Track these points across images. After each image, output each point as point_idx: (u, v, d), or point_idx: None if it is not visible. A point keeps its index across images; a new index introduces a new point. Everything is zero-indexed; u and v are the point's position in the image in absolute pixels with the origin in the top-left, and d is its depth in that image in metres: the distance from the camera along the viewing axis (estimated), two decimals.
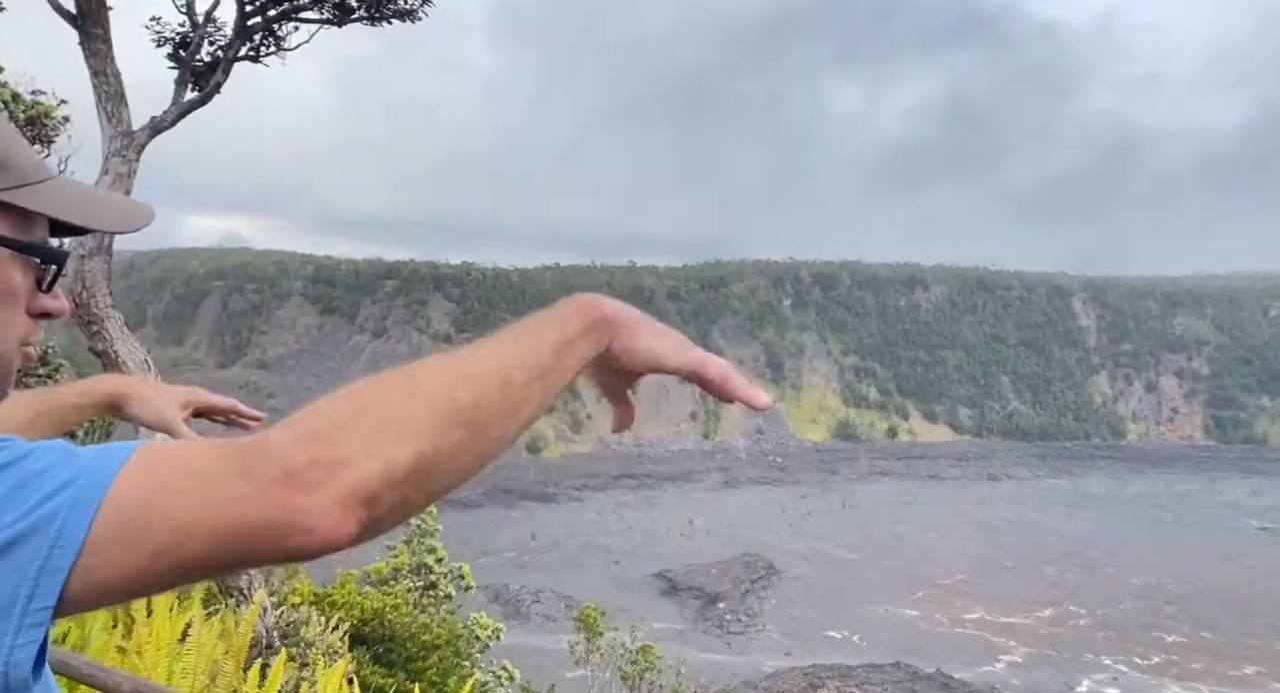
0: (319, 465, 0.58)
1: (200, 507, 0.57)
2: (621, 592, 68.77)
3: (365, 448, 0.59)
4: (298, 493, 0.57)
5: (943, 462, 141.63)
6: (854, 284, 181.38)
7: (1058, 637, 62.84)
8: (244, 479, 0.57)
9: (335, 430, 0.60)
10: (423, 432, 0.62)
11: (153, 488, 0.57)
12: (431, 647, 10.02)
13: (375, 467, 0.59)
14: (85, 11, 5.23)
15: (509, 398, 0.68)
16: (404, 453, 0.60)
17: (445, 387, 0.65)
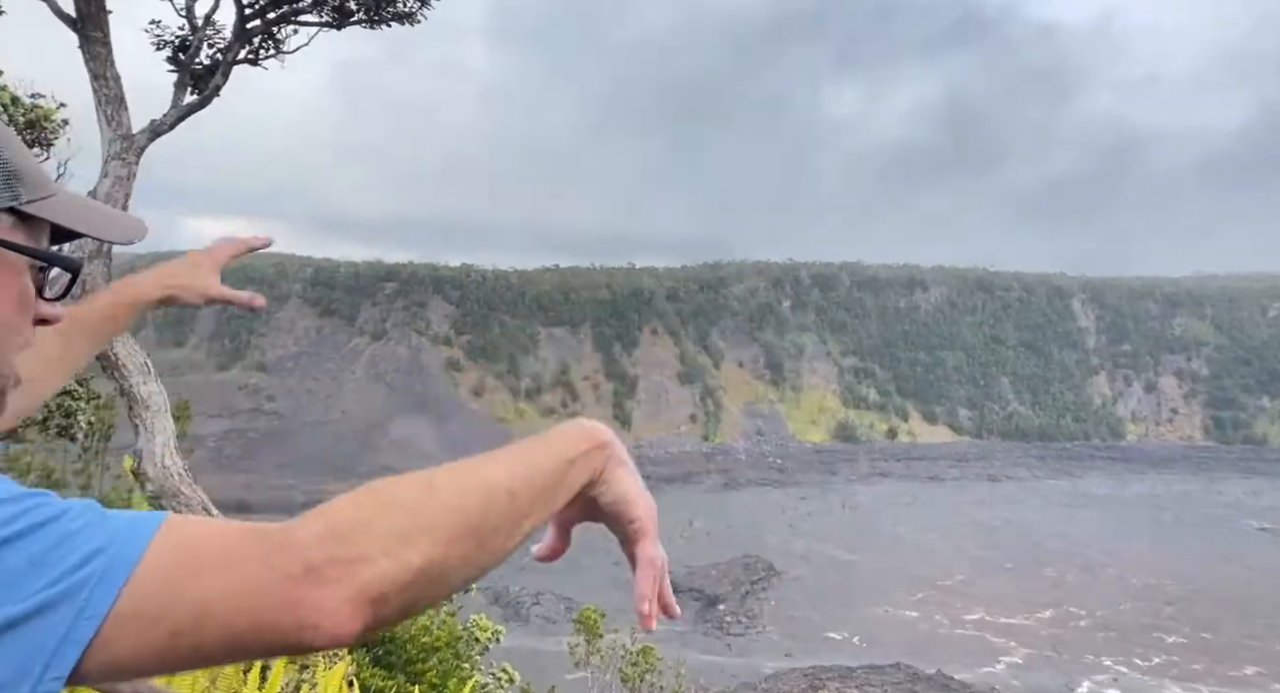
0: (337, 563, 0.60)
1: (221, 590, 0.58)
2: (621, 593, 68.66)
3: (382, 549, 0.62)
4: (314, 588, 0.59)
5: (942, 463, 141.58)
6: (854, 285, 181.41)
7: (1058, 638, 62.79)
8: (267, 568, 0.59)
9: (356, 529, 0.62)
10: (437, 538, 0.65)
11: (178, 565, 0.58)
12: (431, 649, 10.02)
13: (389, 569, 0.62)
14: (85, 15, 5.24)
15: (515, 511, 0.72)
16: (417, 558, 0.63)
17: (460, 495, 0.68)
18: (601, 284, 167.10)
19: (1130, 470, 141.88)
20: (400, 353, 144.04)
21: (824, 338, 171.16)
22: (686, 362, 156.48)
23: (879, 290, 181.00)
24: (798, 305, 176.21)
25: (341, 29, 6.28)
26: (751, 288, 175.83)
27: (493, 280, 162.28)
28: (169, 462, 5.88)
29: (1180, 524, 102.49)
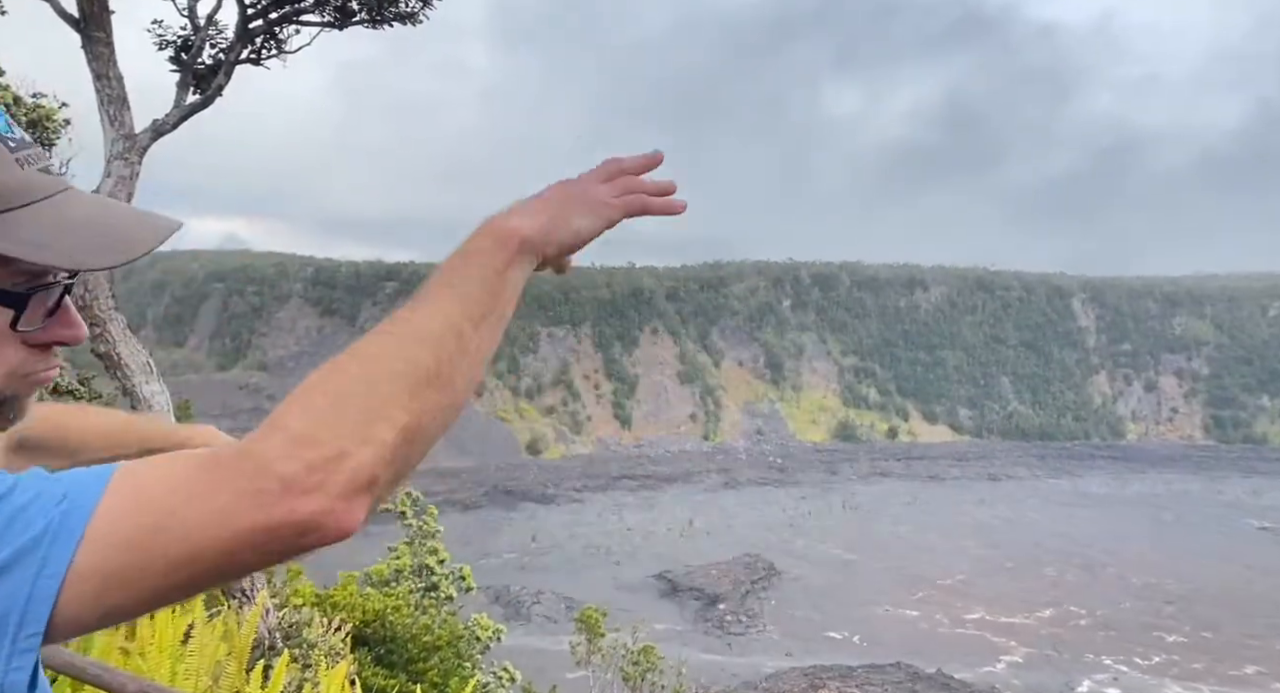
0: (315, 468, 0.60)
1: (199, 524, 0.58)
2: (622, 593, 68.75)
3: (353, 438, 0.61)
4: (301, 499, 0.59)
5: (943, 462, 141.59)
6: (854, 285, 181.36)
7: (1058, 637, 62.80)
8: (240, 494, 0.59)
9: (319, 428, 0.61)
10: (400, 404, 0.64)
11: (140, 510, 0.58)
12: (433, 648, 10.03)
13: (368, 453, 0.62)
14: (88, 15, 5.25)
15: (465, 348, 0.71)
16: (389, 430, 0.63)
17: (404, 356, 0.67)
18: (602, 284, 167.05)
19: (1130, 470, 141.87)
20: None
21: (824, 337, 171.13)
22: (686, 361, 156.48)
23: (879, 290, 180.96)
24: (798, 305, 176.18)
25: (344, 29, 6.29)
26: (751, 287, 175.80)
27: None
28: None
29: (1180, 524, 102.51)
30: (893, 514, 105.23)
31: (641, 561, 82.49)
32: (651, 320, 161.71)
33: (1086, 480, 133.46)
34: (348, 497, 0.60)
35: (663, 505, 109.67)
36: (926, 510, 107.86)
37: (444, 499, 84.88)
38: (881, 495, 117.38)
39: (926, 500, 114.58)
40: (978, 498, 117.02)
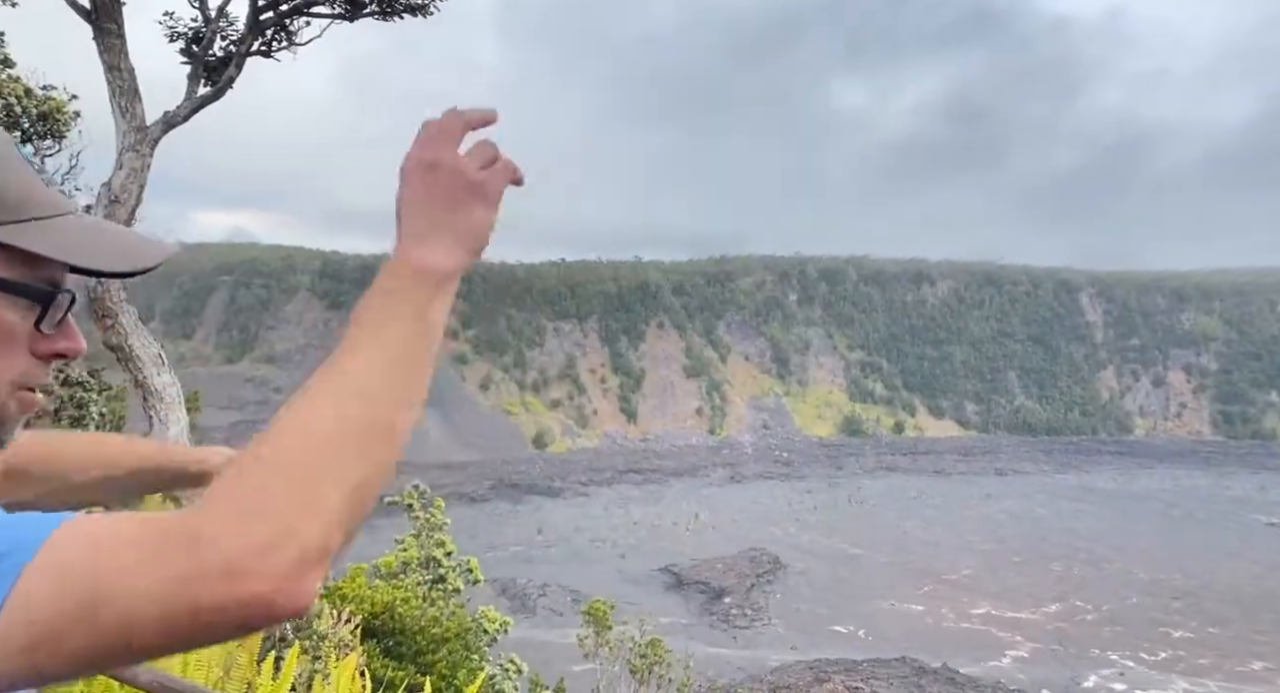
0: (263, 547, 0.57)
1: (140, 598, 0.55)
2: (627, 586, 68.88)
3: (301, 508, 0.59)
4: (248, 580, 0.56)
5: (949, 457, 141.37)
6: (860, 280, 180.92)
7: (1064, 632, 62.73)
8: (184, 572, 0.56)
9: (265, 501, 0.59)
10: (346, 466, 0.62)
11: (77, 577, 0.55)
12: (441, 640, 10.05)
13: (317, 525, 0.59)
14: (99, 7, 5.25)
15: (400, 396, 0.68)
16: (337, 494, 0.60)
17: (344, 416, 0.64)
18: (608, 278, 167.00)
19: (1138, 465, 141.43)
20: None
21: (830, 332, 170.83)
22: (693, 355, 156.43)
23: (886, 284, 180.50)
24: (804, 299, 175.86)
25: (354, 21, 6.27)
26: (758, 282, 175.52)
27: (500, 274, 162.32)
28: None
29: (1188, 519, 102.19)
30: (898, 509, 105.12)
31: (647, 554, 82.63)
32: (658, 315, 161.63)
33: (1093, 476, 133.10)
34: (297, 576, 0.57)
35: (668, 500, 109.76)
36: (932, 505, 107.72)
37: (451, 492, 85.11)
38: (887, 490, 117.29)
39: (932, 495, 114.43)
40: (984, 493, 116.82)
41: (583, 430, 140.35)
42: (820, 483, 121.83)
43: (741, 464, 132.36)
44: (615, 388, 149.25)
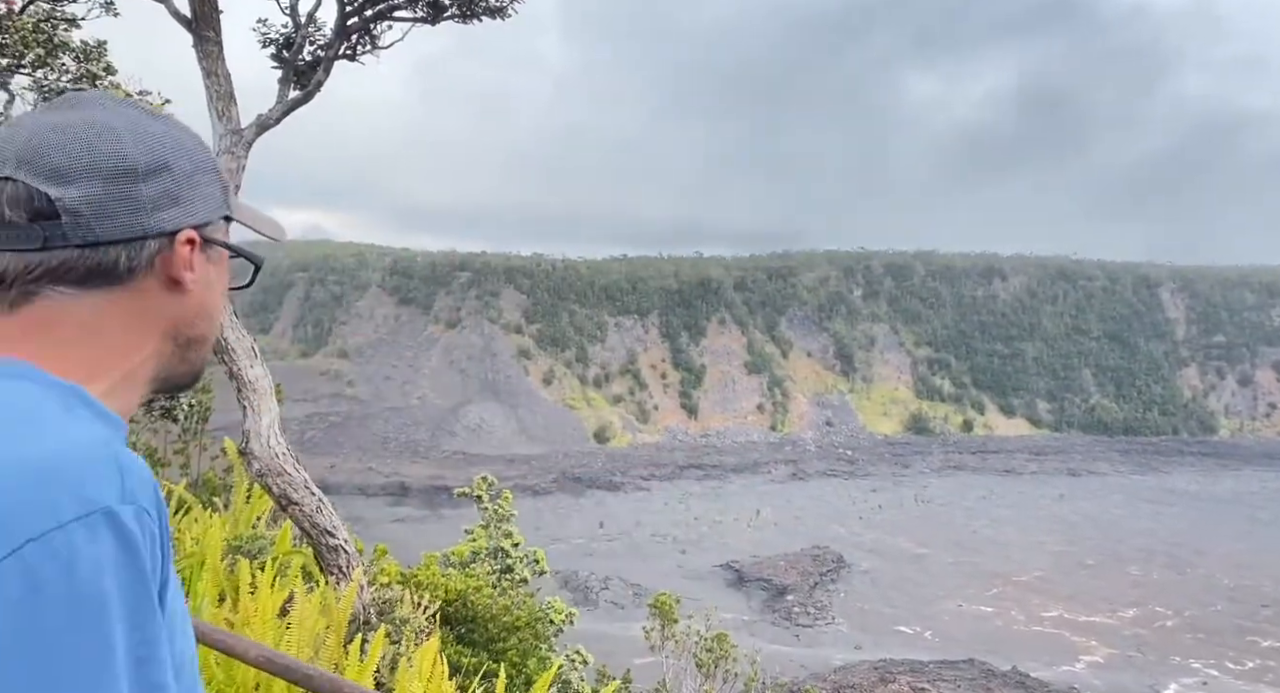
0: None
1: None
2: (688, 582, 68.97)
3: None
4: None
5: (1019, 456, 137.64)
6: (928, 275, 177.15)
7: (1142, 638, 60.60)
8: None
9: None
10: None
11: None
12: (512, 629, 10.25)
13: None
14: (199, 15, 5.51)
15: None
16: None
17: None
18: (669, 274, 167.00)
19: (1222, 467, 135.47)
20: (473, 341, 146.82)
21: (896, 328, 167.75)
22: (754, 351, 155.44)
23: (954, 280, 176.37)
24: (869, 295, 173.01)
25: (436, 24, 6.45)
26: (822, 277, 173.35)
27: (562, 270, 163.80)
28: (274, 442, 6.16)
29: (1277, 523, 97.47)
30: (966, 508, 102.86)
31: (708, 550, 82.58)
32: (719, 310, 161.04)
33: (1174, 477, 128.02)
34: None
35: (729, 495, 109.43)
36: (1002, 505, 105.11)
37: (515, 484, 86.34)
38: (955, 489, 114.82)
39: (1002, 495, 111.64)
40: (1056, 493, 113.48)
41: (643, 426, 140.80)
42: (885, 481, 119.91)
43: (804, 461, 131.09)
44: (676, 383, 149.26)
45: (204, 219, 0.91)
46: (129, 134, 0.86)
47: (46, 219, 0.82)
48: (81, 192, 0.82)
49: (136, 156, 0.85)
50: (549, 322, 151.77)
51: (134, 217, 0.85)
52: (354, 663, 4.75)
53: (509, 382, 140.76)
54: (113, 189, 0.84)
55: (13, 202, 0.82)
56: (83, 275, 0.84)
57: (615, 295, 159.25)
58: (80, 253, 0.83)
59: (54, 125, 0.84)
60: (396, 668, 5.39)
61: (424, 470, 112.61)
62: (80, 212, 0.82)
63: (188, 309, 0.92)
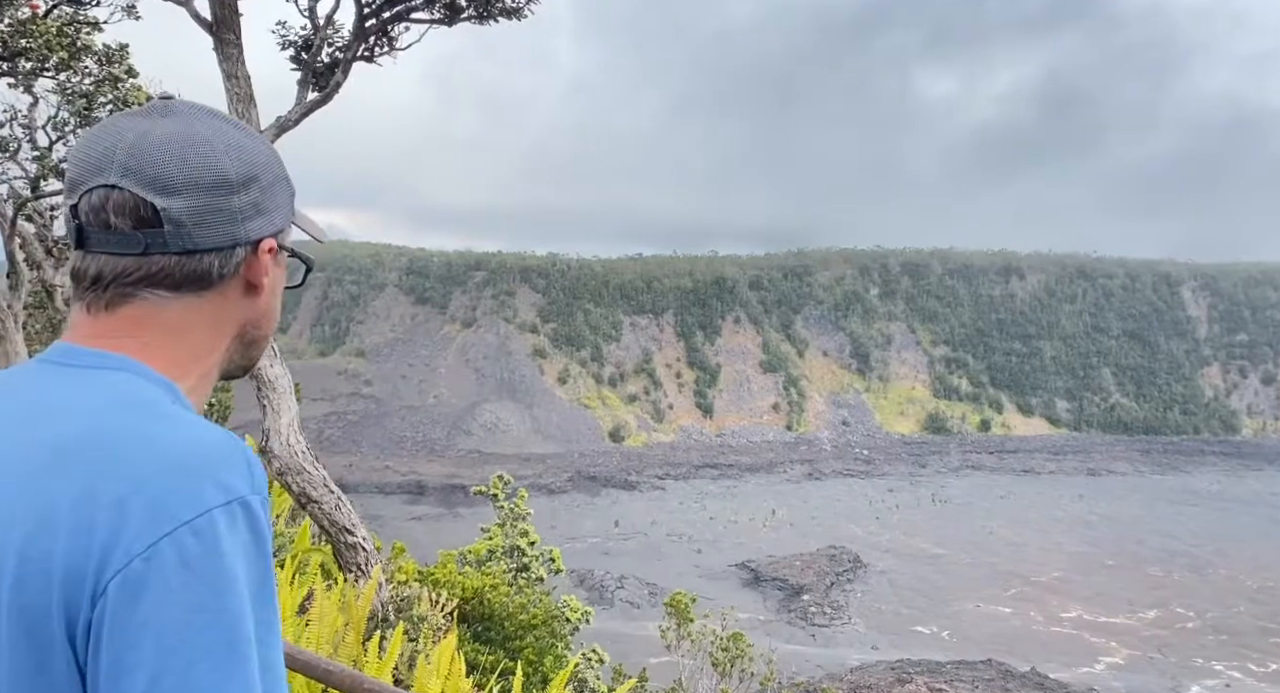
0: None
1: None
2: (704, 581, 68.91)
3: None
4: None
5: (1038, 456, 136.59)
6: (945, 273, 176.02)
7: (1163, 640, 60.01)
8: None
9: None
10: None
11: None
12: (528, 627, 10.29)
13: None
14: (220, 19, 5.57)
15: None
16: None
17: None
18: (684, 272, 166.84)
19: (1245, 467, 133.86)
20: (489, 340, 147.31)
21: (913, 327, 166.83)
22: (770, 350, 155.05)
23: (972, 278, 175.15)
24: (886, 293, 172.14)
25: (453, 25, 6.49)
26: (838, 275, 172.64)
27: (577, 269, 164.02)
28: (294, 440, 6.22)
29: None
30: (984, 508, 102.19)
31: (724, 549, 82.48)
32: (734, 309, 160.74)
33: (1195, 477, 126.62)
34: None
35: (745, 495, 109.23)
36: (1020, 505, 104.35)
37: (531, 483, 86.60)
38: (973, 489, 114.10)
39: (1020, 495, 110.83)
40: (1075, 493, 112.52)
41: (658, 425, 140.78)
42: (902, 481, 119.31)
43: (820, 461, 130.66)
44: (691, 383, 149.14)
45: (280, 227, 1.00)
46: (224, 147, 0.91)
47: (149, 227, 0.88)
48: (184, 202, 0.88)
49: (231, 169, 0.91)
50: (564, 321, 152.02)
51: (228, 226, 0.91)
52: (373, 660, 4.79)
53: (524, 381, 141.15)
54: (211, 200, 0.90)
55: (119, 209, 0.87)
56: (178, 281, 0.91)
57: (630, 294, 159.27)
58: (178, 260, 0.90)
59: (156, 135, 0.89)
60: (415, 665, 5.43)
61: (440, 469, 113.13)
62: (182, 221, 0.88)
63: (258, 311, 1.00)
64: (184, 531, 0.74)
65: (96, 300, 0.90)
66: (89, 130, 0.93)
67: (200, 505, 0.76)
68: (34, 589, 0.73)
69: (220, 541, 0.76)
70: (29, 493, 0.77)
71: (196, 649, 0.72)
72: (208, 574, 0.74)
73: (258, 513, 0.80)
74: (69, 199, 0.91)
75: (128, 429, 0.80)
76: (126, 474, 0.76)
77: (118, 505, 0.75)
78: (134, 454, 0.78)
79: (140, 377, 0.88)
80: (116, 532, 0.74)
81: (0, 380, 0.91)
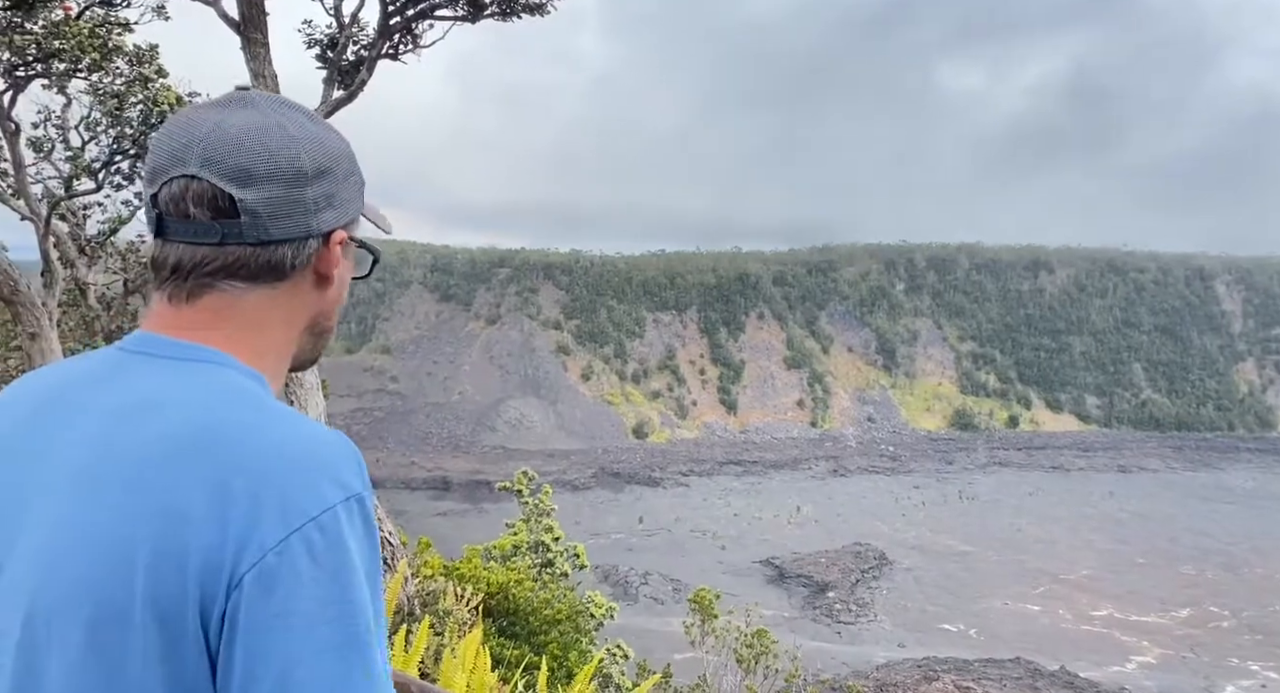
0: None
1: None
2: (728, 577, 68.83)
3: None
4: None
5: (1067, 452, 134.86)
6: (973, 268, 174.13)
7: (1196, 639, 59.08)
8: None
9: None
10: None
11: None
12: (553, 622, 10.31)
13: None
14: (247, 18, 5.62)
15: None
16: None
17: None
18: (707, 269, 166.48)
19: None
20: (513, 337, 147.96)
21: (940, 323, 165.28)
22: (794, 347, 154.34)
23: (1000, 273, 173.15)
24: (912, 289, 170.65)
25: (476, 22, 6.50)
26: (863, 271, 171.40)
27: (600, 266, 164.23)
28: None
29: None
30: (1012, 506, 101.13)
31: (748, 546, 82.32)
32: (758, 305, 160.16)
33: (1229, 474, 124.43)
34: None
35: (769, 492, 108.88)
36: (1049, 502, 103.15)
37: (555, 479, 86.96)
38: (1000, 486, 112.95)
39: (1049, 492, 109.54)
40: (1105, 490, 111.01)
41: (682, 421, 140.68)
42: (929, 478, 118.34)
43: (845, 457, 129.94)
44: (715, 379, 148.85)
45: (351, 218, 1.00)
46: (300, 139, 0.93)
47: (227, 217, 0.89)
48: (262, 193, 0.89)
49: (307, 161, 0.92)
50: (587, 317, 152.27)
51: (303, 218, 0.93)
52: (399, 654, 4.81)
53: (548, 377, 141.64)
54: (287, 192, 0.91)
55: (197, 199, 0.89)
56: (255, 271, 0.92)
57: (653, 291, 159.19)
58: (254, 250, 0.91)
59: (234, 126, 0.90)
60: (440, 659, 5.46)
61: (465, 465, 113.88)
62: (259, 212, 0.89)
63: (329, 303, 1.02)
64: (311, 526, 0.78)
65: (178, 291, 0.92)
66: (169, 120, 0.95)
67: (324, 502, 0.80)
68: (169, 581, 0.75)
69: (343, 536, 0.80)
70: (155, 487, 0.79)
71: (325, 640, 0.76)
72: (334, 568, 0.78)
73: (369, 509, 0.85)
74: (149, 188, 0.92)
75: (241, 424, 0.82)
76: (252, 470, 0.79)
77: (249, 501, 0.77)
78: (256, 450, 0.81)
79: (233, 370, 0.90)
80: (250, 526, 0.76)
81: (82, 370, 0.92)
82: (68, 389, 0.90)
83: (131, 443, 0.82)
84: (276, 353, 0.97)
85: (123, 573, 0.76)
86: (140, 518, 0.77)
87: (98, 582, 0.76)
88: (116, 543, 0.77)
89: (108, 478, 0.81)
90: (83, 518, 0.79)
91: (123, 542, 0.77)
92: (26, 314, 8.76)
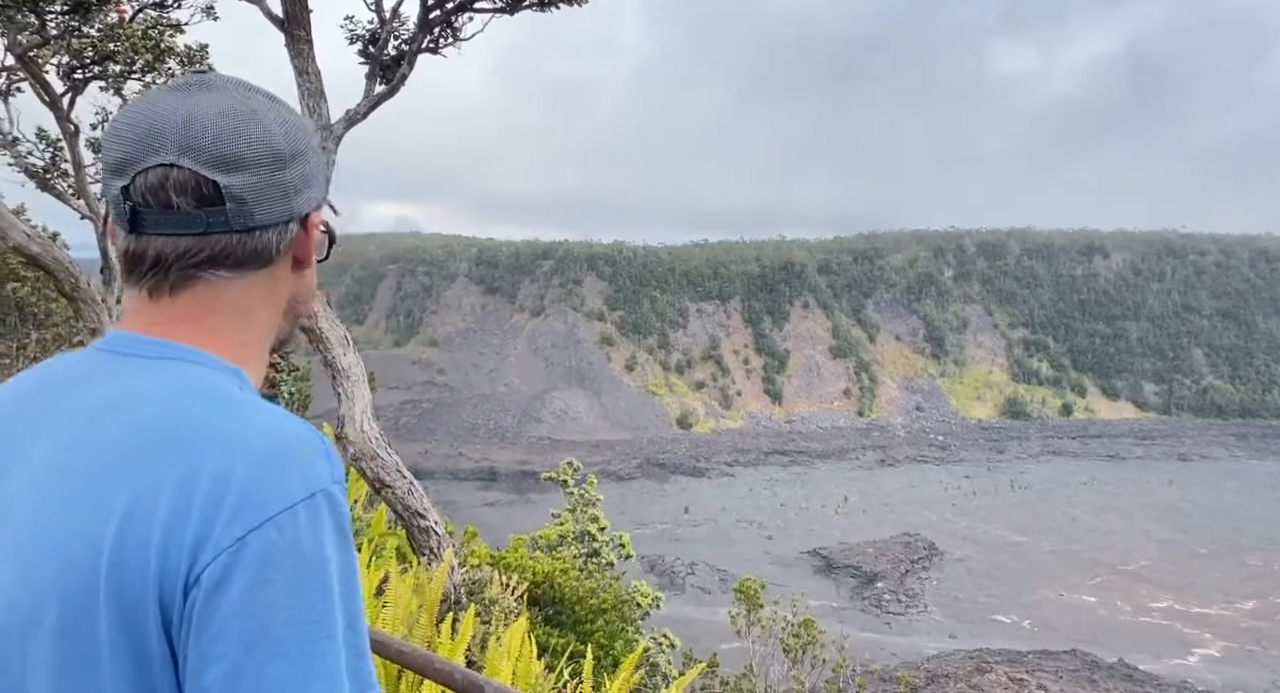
0: None
1: None
2: (775, 568, 68.58)
3: None
4: None
5: (1124, 441, 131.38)
6: (1024, 253, 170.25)
7: (1262, 631, 57.26)
8: None
9: None
10: None
11: None
12: (599, 611, 10.38)
13: None
14: (291, 15, 5.71)
15: None
16: None
17: None
18: (751, 258, 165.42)
19: None
20: (557, 328, 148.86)
21: (990, 309, 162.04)
22: (840, 336, 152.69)
23: (1052, 258, 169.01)
24: (961, 275, 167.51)
25: (514, 14, 6.52)
26: (910, 258, 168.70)
27: (643, 256, 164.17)
28: (367, 427, 6.39)
29: None
30: (1067, 495, 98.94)
31: (795, 536, 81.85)
32: (803, 294, 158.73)
33: None
34: None
35: (816, 482, 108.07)
36: (1105, 492, 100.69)
37: (600, 470, 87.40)
38: (1054, 475, 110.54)
39: (1105, 481, 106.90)
40: (1165, 479, 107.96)
41: (726, 411, 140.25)
42: (979, 467, 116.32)
43: (893, 447, 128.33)
44: (759, 369, 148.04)
45: (322, 198, 0.99)
46: (273, 120, 0.90)
47: (211, 205, 0.86)
48: (246, 178, 0.87)
49: (283, 143, 0.90)
50: (631, 308, 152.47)
51: (285, 202, 0.91)
52: (445, 641, 4.88)
53: (592, 368, 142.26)
54: (269, 176, 0.89)
55: (179, 188, 0.85)
56: (240, 260, 0.90)
57: (696, 281, 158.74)
58: (239, 238, 0.89)
59: (206, 110, 0.87)
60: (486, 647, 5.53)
61: (512, 456, 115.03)
62: (244, 198, 0.87)
63: (305, 286, 1.01)
64: (269, 525, 0.76)
65: (159, 285, 0.89)
66: (125, 108, 0.91)
67: (286, 500, 0.78)
68: (131, 581, 0.74)
69: (302, 535, 0.77)
70: (118, 487, 0.78)
71: (275, 646, 0.73)
72: (292, 569, 0.75)
73: (339, 502, 0.82)
74: (118, 180, 0.87)
75: (206, 421, 0.81)
76: (214, 468, 0.77)
77: (209, 499, 0.76)
78: (219, 447, 0.79)
79: (206, 365, 0.88)
80: (208, 525, 0.75)
81: (59, 373, 0.91)
82: (44, 392, 0.89)
83: (97, 444, 0.81)
84: (259, 341, 0.97)
85: (87, 574, 0.75)
86: (103, 519, 0.77)
87: (66, 584, 0.75)
88: (81, 545, 0.76)
89: (74, 480, 0.80)
90: (50, 521, 0.79)
91: (87, 543, 0.76)
92: (87, 310, 9.07)
